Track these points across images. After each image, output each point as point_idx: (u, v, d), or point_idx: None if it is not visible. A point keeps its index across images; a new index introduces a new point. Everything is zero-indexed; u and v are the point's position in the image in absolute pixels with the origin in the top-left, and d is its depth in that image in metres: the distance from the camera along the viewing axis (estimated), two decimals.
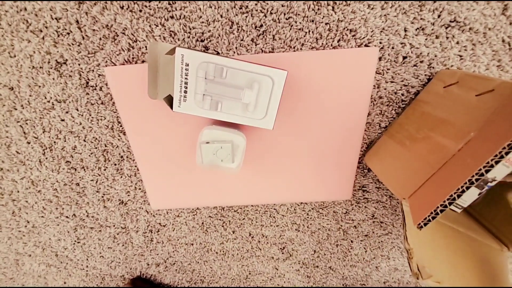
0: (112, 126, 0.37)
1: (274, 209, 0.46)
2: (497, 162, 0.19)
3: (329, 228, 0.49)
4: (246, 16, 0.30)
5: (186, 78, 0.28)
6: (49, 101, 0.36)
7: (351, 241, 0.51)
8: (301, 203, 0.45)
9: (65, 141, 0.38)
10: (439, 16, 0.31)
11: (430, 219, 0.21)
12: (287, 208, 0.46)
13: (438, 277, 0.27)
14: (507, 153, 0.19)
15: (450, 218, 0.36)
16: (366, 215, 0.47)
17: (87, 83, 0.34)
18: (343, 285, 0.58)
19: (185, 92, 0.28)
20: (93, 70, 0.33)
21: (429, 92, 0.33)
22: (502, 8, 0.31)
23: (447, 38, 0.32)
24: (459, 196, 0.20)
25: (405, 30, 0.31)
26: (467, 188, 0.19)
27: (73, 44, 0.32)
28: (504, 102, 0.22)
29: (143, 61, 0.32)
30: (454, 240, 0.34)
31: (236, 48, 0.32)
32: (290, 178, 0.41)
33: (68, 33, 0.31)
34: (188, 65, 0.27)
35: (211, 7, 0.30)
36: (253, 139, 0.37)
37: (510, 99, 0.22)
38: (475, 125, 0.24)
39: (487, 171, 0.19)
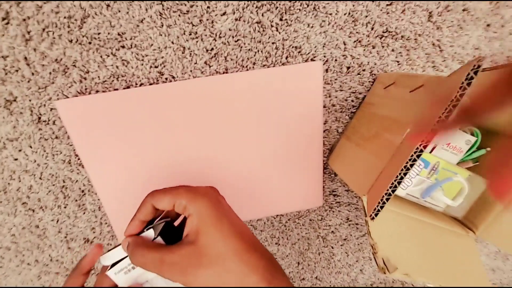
0: (69, 160, 0.35)
1: (251, 225, 0.45)
2: (424, 147, 0.21)
3: (308, 237, 0.49)
4: (197, 41, 0.32)
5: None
6: (0, 141, 0.34)
7: (332, 247, 0.51)
8: (277, 215, 0.45)
9: (19, 181, 0.36)
10: (372, 28, 0.34)
11: (379, 208, 0.22)
12: (264, 223, 0.46)
13: (406, 268, 0.27)
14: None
15: (414, 210, 0.38)
16: (341, 219, 0.48)
17: (39, 118, 0.33)
18: None
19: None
20: (44, 105, 0.32)
21: (373, 94, 0.36)
22: (428, 16, 0.36)
23: (383, 47, 0.35)
24: (399, 183, 0.21)
25: (344, 44, 0.34)
26: (404, 174, 0.21)
27: (22, 81, 0.31)
28: (432, 95, 0.25)
29: (96, 91, 0.32)
30: (419, 230, 0.36)
31: (191, 71, 0.33)
32: (261, 193, 0.41)
33: (17, 70, 0.31)
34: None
35: (161, 35, 0.31)
36: (220, 162, 0.37)
37: (436, 91, 0.25)
38: (412, 118, 0.26)
39: (418, 156, 0.21)
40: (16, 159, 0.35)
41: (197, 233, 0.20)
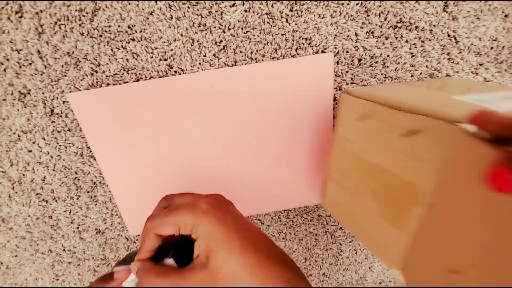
0: (82, 152, 0.36)
1: (258, 219, 0.45)
2: None
3: (316, 233, 0.48)
4: (206, 33, 0.32)
5: None
6: (14, 133, 0.35)
7: (340, 244, 0.50)
8: (284, 210, 0.45)
9: (34, 172, 0.37)
10: (385, 18, 0.33)
11: None
12: (271, 217, 0.45)
13: None
14: None
15: None
16: None
17: (52, 111, 0.34)
18: None
19: None
20: (57, 98, 0.33)
21: (345, 126, 0.26)
22: (443, 6, 0.34)
23: (396, 38, 0.34)
24: None
25: (356, 35, 0.33)
26: None
27: (35, 74, 0.32)
28: (452, 155, 0.15)
29: (107, 84, 0.33)
30: None
31: (199, 64, 0.33)
32: (268, 188, 0.41)
33: (30, 64, 0.31)
34: None
35: (170, 27, 0.31)
36: (228, 155, 0.37)
37: (456, 153, 0.15)
38: (425, 180, 0.17)
39: None
40: (30, 151, 0.36)
41: (208, 254, 0.19)
